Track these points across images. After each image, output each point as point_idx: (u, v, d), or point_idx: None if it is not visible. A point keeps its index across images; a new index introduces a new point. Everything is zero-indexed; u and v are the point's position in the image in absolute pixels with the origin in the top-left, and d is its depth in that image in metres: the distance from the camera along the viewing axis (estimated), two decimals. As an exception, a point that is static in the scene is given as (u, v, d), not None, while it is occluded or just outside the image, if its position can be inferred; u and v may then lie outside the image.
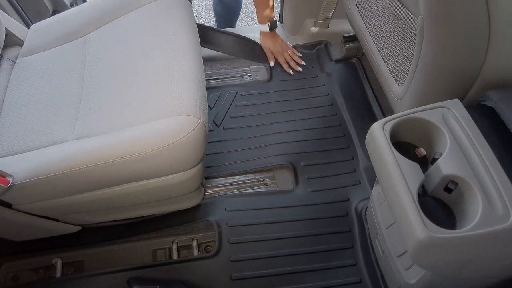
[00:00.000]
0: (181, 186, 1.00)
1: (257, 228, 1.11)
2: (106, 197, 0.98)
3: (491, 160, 0.67)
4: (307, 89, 1.41)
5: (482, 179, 0.66)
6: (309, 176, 1.21)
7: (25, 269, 1.09)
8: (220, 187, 1.21)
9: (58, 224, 1.07)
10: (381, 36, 1.05)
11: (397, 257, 0.89)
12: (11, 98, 1.05)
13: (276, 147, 1.27)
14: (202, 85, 1.00)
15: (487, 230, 0.61)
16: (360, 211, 1.14)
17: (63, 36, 1.17)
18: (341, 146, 1.28)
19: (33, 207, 0.97)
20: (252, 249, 1.07)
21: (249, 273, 1.04)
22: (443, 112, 0.74)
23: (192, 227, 1.12)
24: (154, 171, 0.93)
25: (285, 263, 1.06)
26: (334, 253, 1.08)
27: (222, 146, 1.28)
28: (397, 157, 0.69)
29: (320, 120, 1.34)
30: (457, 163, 0.67)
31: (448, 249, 0.63)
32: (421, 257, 0.66)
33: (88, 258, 1.10)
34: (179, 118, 0.90)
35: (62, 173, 0.87)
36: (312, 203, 1.16)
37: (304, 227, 1.11)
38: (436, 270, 0.71)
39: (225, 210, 1.14)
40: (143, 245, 1.11)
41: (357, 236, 1.10)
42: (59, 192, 0.94)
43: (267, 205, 1.15)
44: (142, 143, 0.87)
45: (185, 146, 0.89)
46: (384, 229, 0.93)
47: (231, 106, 1.37)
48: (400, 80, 0.99)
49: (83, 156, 0.88)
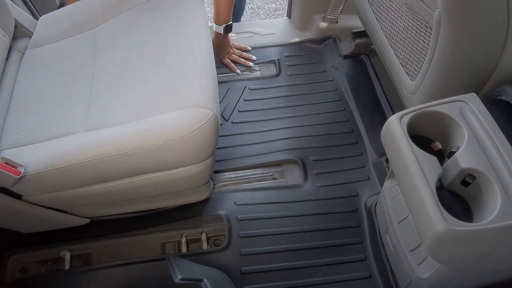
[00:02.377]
0: (192, 179, 1.00)
1: (266, 222, 1.10)
2: (116, 189, 0.97)
3: (509, 154, 0.67)
4: (316, 84, 1.41)
5: (501, 173, 0.65)
6: (318, 171, 1.21)
7: (34, 261, 1.09)
8: (229, 181, 1.20)
9: (67, 216, 1.06)
10: (393, 31, 1.05)
11: (409, 251, 0.88)
12: (20, 89, 1.04)
13: (285, 142, 1.27)
14: (214, 77, 0.99)
15: (506, 224, 0.61)
16: (369, 207, 1.14)
17: (72, 28, 1.16)
18: (350, 141, 1.27)
19: (42, 198, 0.97)
20: (261, 243, 1.07)
21: (259, 266, 1.04)
22: (460, 106, 0.74)
23: (201, 221, 1.11)
24: (166, 164, 0.92)
25: (294, 257, 1.06)
26: (344, 248, 1.08)
27: (230, 140, 1.28)
28: (415, 150, 0.69)
29: (329, 115, 1.33)
30: (475, 157, 0.67)
31: (466, 242, 0.63)
32: (439, 251, 0.65)
33: (96, 251, 1.09)
34: (192, 110, 0.89)
35: (74, 164, 0.87)
36: (321, 198, 1.16)
37: (313, 222, 1.11)
38: (452, 264, 0.71)
39: (234, 204, 1.13)
40: (152, 238, 1.10)
41: (367, 231, 1.10)
42: (69, 183, 0.93)
43: (276, 199, 1.15)
44: (155, 135, 0.86)
45: (198, 138, 0.89)
46: (396, 224, 0.92)
47: (239, 100, 1.37)
48: (413, 75, 0.99)
49: (95, 147, 0.87)
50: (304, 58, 1.48)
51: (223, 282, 0.90)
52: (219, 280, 0.90)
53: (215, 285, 0.82)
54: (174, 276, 0.80)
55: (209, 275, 0.85)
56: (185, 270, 0.84)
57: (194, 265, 0.91)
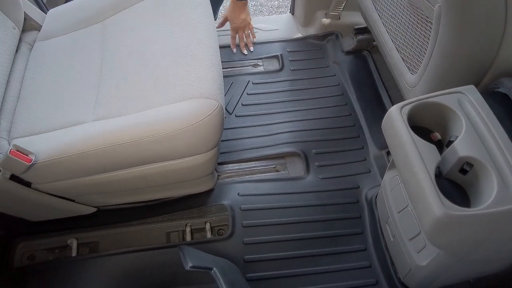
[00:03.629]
0: (197, 169, 1.02)
1: (269, 212, 1.13)
2: (123, 178, 1.00)
3: (506, 143, 0.69)
4: (318, 79, 1.43)
5: (497, 161, 0.68)
6: (320, 163, 1.24)
7: (41, 249, 1.11)
8: (233, 172, 1.23)
9: (74, 205, 1.09)
10: (395, 26, 1.07)
11: (409, 240, 0.91)
12: (30, 80, 1.07)
13: (287, 135, 1.29)
14: (219, 69, 1.02)
15: (502, 209, 0.63)
16: (370, 198, 1.16)
17: (80, 22, 1.19)
18: (351, 135, 1.30)
19: (51, 186, 0.99)
20: (264, 233, 1.10)
21: (262, 255, 1.06)
22: (458, 97, 0.76)
23: (205, 211, 1.14)
24: (173, 153, 0.95)
25: (296, 246, 1.08)
26: (345, 238, 1.11)
27: (234, 133, 1.30)
28: (415, 139, 0.71)
29: (331, 109, 1.36)
30: (472, 145, 0.69)
31: (464, 227, 0.65)
32: (437, 236, 0.68)
33: (102, 239, 1.12)
34: (199, 101, 0.92)
35: (83, 153, 0.89)
36: (323, 189, 1.18)
37: (315, 213, 1.14)
38: (450, 250, 0.73)
39: (238, 195, 1.16)
40: (157, 227, 1.13)
41: (367, 222, 1.13)
42: (78, 172, 0.96)
43: (279, 190, 1.17)
44: (162, 125, 0.89)
45: (204, 128, 0.91)
46: (396, 214, 0.95)
47: (243, 94, 1.39)
48: (413, 69, 1.01)
49: (103, 136, 0.90)
50: (307, 53, 1.50)
51: (232, 272, 0.93)
52: (229, 269, 0.93)
53: (225, 274, 0.85)
54: (185, 263, 0.82)
55: (219, 264, 0.87)
56: (195, 258, 0.86)
57: (204, 254, 0.94)
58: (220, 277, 0.83)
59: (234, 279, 0.88)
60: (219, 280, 0.82)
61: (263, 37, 1.54)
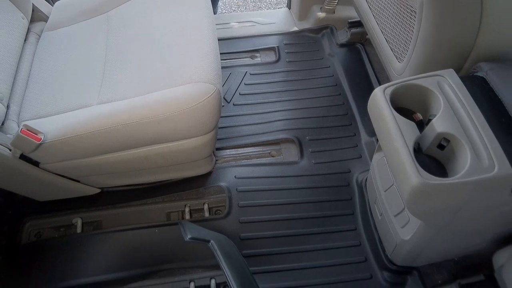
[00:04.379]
0: (196, 151, 1.08)
1: (264, 194, 1.19)
2: (126, 159, 1.06)
3: (480, 120, 0.75)
4: (313, 70, 1.49)
5: (472, 136, 0.73)
6: (314, 149, 1.29)
7: (47, 227, 1.17)
8: (230, 157, 1.29)
9: (79, 186, 1.15)
10: (384, 18, 1.13)
11: (394, 216, 0.97)
12: (38, 67, 1.13)
13: (283, 123, 1.35)
14: (217, 57, 1.07)
15: (474, 178, 0.69)
16: (360, 182, 1.22)
17: (85, 13, 1.25)
18: (344, 123, 1.36)
19: (58, 166, 1.05)
20: (259, 212, 1.15)
21: (257, 233, 1.12)
22: (438, 79, 0.82)
23: (204, 192, 1.20)
24: (173, 134, 1.00)
25: (290, 226, 1.14)
26: (336, 219, 1.16)
27: (232, 120, 1.36)
28: (396, 116, 0.77)
29: (325, 99, 1.42)
30: (449, 122, 0.75)
31: (439, 195, 0.71)
32: (415, 204, 0.74)
33: (106, 219, 1.18)
34: (197, 85, 0.98)
35: (89, 133, 0.95)
36: (316, 173, 1.24)
37: (308, 195, 1.20)
38: (428, 219, 0.79)
39: (234, 177, 1.22)
40: (157, 208, 1.19)
41: (357, 204, 1.19)
42: (83, 152, 1.02)
43: (274, 174, 1.23)
44: (164, 106, 0.95)
45: (201, 111, 0.97)
46: (383, 192, 1.01)
47: (240, 84, 1.45)
48: (400, 57, 1.07)
49: (108, 117, 0.96)
50: (303, 46, 1.56)
51: (229, 246, 0.98)
52: (226, 243, 0.98)
53: (222, 247, 0.90)
54: (185, 235, 0.88)
55: (216, 238, 0.93)
56: (194, 232, 0.92)
57: (203, 229, 1.00)
58: (218, 249, 0.88)
59: (230, 252, 0.94)
60: (217, 251, 0.88)
61: (260, 30, 1.61)
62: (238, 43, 1.57)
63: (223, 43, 1.57)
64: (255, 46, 1.56)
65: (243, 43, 1.57)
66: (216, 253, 0.87)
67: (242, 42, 1.58)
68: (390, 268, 1.07)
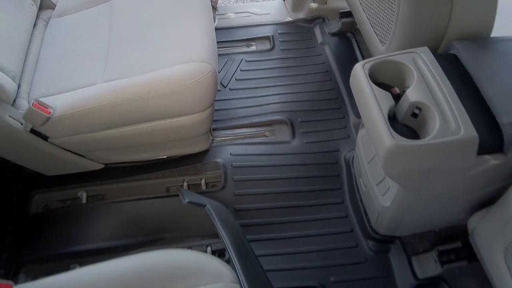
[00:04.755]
0: (194, 127, 1.16)
1: (258, 170, 1.27)
2: (129, 134, 1.14)
3: (449, 91, 0.83)
4: (305, 57, 1.57)
5: (441, 104, 0.81)
6: (305, 130, 1.38)
7: (54, 200, 1.25)
8: (226, 137, 1.37)
9: (84, 161, 1.23)
10: (369, 5, 1.21)
11: (376, 185, 1.05)
12: (46, 51, 1.21)
13: (276, 106, 1.43)
14: (214, 40, 1.16)
15: (442, 140, 0.77)
16: (348, 159, 1.30)
17: (90, 1, 1.33)
18: (334, 106, 1.44)
19: (65, 141, 1.13)
20: (253, 186, 1.24)
21: (250, 205, 1.21)
22: (413, 56, 0.90)
23: (201, 168, 1.28)
24: (172, 110, 1.08)
25: (282, 199, 1.22)
26: (325, 193, 1.24)
27: (228, 103, 1.44)
28: (373, 87, 0.85)
29: (316, 84, 1.50)
30: (421, 93, 0.83)
31: (411, 156, 0.79)
32: (390, 165, 0.81)
33: (109, 192, 1.26)
34: (194, 64, 1.06)
35: (95, 107, 1.04)
36: (307, 152, 1.32)
37: (299, 171, 1.28)
38: (403, 181, 0.87)
39: (230, 154, 1.30)
40: (157, 182, 1.27)
41: (345, 180, 1.26)
42: (89, 126, 1.10)
43: (267, 151, 1.31)
44: (163, 83, 1.03)
45: (199, 88, 1.05)
46: (366, 164, 1.09)
47: (236, 70, 1.54)
48: (383, 41, 1.15)
49: (112, 93, 1.04)
50: (296, 35, 1.65)
51: (225, 212, 1.06)
52: (222, 210, 1.06)
53: (218, 213, 0.98)
54: (183, 199, 0.96)
55: (213, 204, 1.00)
56: (192, 197, 1.00)
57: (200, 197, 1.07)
58: (214, 213, 0.96)
59: (226, 218, 1.01)
60: (213, 215, 0.96)
61: (256, 20, 1.69)
62: (235, 32, 1.66)
63: (221, 32, 1.65)
64: (251, 35, 1.65)
65: (240, 32, 1.66)
66: (212, 216, 0.95)
67: (238, 31, 1.66)
68: (374, 237, 1.15)
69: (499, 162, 0.82)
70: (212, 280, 0.75)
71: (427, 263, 1.11)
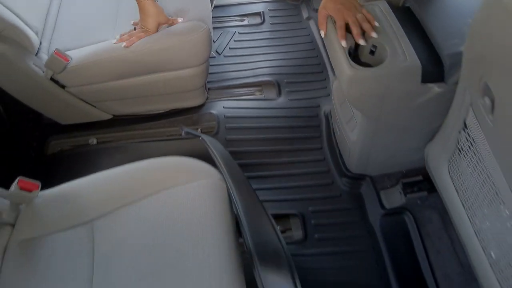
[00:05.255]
0: (191, 80, 1.34)
1: (247, 120, 1.44)
2: (135, 84, 1.31)
3: (400, 32, 1.01)
4: (292, 30, 1.76)
5: (392, 41, 0.99)
6: (290, 89, 1.55)
7: (68, 145, 1.43)
8: (219, 95, 1.55)
9: (95, 111, 1.41)
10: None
11: (346, 123, 1.22)
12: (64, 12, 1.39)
13: (265, 70, 1.61)
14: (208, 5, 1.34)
15: (392, 67, 0.94)
16: (327, 114, 1.48)
17: None
18: (316, 70, 1.62)
19: (80, 90, 1.31)
20: (243, 133, 1.41)
21: (241, 149, 1.38)
22: (373, 7, 1.08)
23: (197, 119, 1.46)
24: (172, 63, 1.26)
25: (268, 144, 1.40)
26: (306, 140, 1.42)
27: (222, 68, 1.63)
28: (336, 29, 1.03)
29: (302, 52, 1.68)
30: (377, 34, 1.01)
31: (367, 82, 0.96)
32: (351, 91, 0.99)
33: (117, 139, 1.44)
34: (192, 22, 1.24)
35: (106, 58, 1.22)
36: (291, 107, 1.50)
37: (284, 122, 1.45)
38: (363, 107, 1.04)
39: (223, 107, 1.48)
40: (160, 131, 1.45)
41: (324, 130, 1.44)
42: (101, 77, 1.27)
43: (256, 106, 1.49)
44: (164, 38, 1.21)
45: (195, 43, 1.23)
46: (339, 107, 1.26)
47: (230, 40, 1.72)
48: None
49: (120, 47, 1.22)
50: (284, 11, 1.83)
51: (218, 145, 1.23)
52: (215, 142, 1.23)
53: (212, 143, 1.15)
54: (182, 130, 1.13)
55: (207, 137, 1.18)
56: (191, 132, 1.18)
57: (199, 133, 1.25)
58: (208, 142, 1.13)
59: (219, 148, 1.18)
60: (207, 144, 1.13)
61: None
62: (229, 9, 1.84)
63: (218, 10, 1.84)
64: (243, 12, 1.84)
65: (234, 9, 1.85)
66: (206, 144, 1.12)
67: (232, 8, 1.85)
68: (347, 175, 1.32)
69: (442, 90, 0.99)
70: (203, 177, 0.92)
71: (393, 195, 1.28)
